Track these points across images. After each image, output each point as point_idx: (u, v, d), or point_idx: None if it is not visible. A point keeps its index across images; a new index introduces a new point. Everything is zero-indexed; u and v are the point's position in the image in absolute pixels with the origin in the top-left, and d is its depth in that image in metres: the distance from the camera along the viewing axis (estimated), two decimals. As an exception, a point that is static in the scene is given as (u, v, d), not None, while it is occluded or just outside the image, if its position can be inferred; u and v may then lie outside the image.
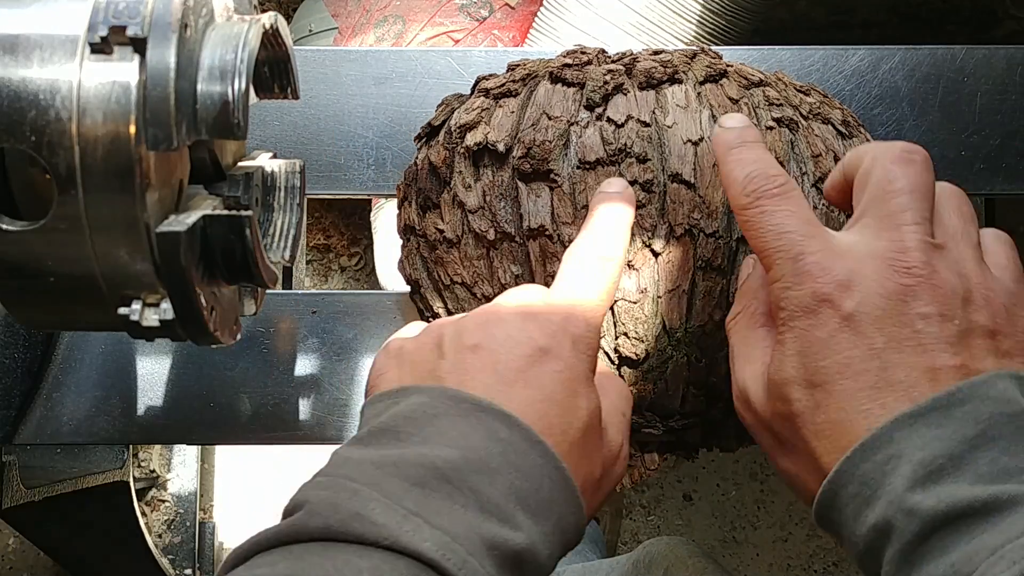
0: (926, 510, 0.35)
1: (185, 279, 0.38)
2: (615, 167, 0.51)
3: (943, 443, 0.36)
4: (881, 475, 0.37)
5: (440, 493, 0.37)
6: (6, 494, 0.82)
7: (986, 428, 0.36)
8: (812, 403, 0.41)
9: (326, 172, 0.64)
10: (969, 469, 0.36)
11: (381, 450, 0.39)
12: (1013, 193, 0.64)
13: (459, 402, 0.40)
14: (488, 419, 0.40)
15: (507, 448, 0.39)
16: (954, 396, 0.37)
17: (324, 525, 0.35)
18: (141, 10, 0.36)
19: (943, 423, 0.37)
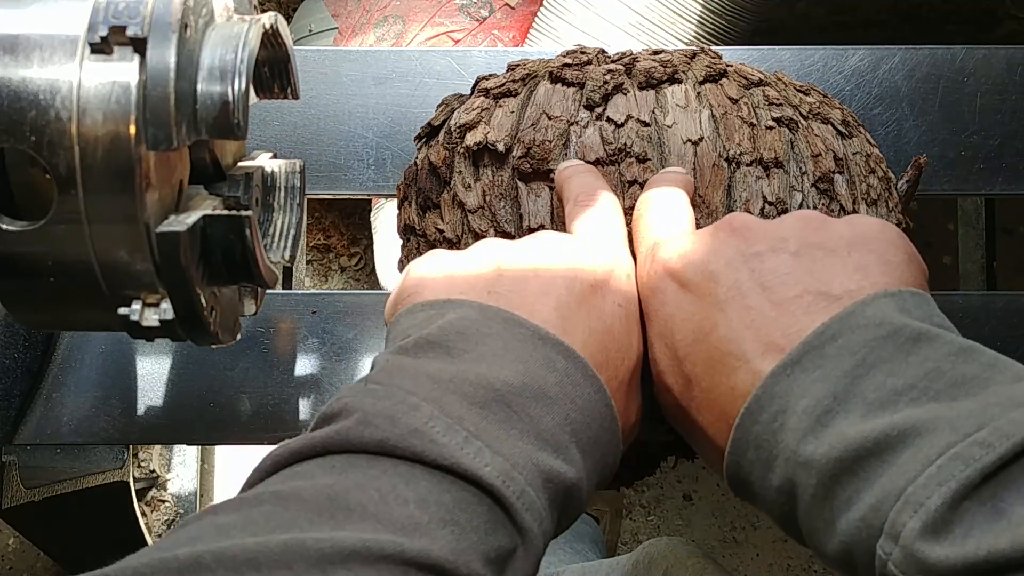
0: (820, 459, 0.34)
1: (185, 279, 0.38)
2: (615, 167, 0.51)
3: (824, 384, 0.35)
4: (771, 434, 0.36)
5: (499, 416, 0.35)
6: (6, 494, 0.82)
7: (864, 356, 0.35)
8: (684, 380, 0.40)
9: (326, 172, 0.64)
10: (856, 402, 0.34)
11: (435, 363, 0.37)
12: (1013, 193, 0.64)
13: (514, 325, 0.38)
14: (545, 347, 0.38)
15: (564, 379, 0.38)
16: (823, 334, 0.36)
17: (381, 438, 0.33)
18: (141, 10, 0.36)
19: (820, 363, 0.36)
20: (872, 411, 0.34)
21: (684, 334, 0.40)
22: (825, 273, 0.38)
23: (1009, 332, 0.61)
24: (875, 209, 0.53)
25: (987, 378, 0.33)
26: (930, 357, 0.34)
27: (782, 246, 0.40)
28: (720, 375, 0.39)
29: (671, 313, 0.41)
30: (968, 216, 1.18)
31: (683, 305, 0.41)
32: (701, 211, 0.50)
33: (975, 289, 1.15)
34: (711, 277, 0.40)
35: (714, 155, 0.50)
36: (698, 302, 0.40)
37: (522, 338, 0.38)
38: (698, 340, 0.40)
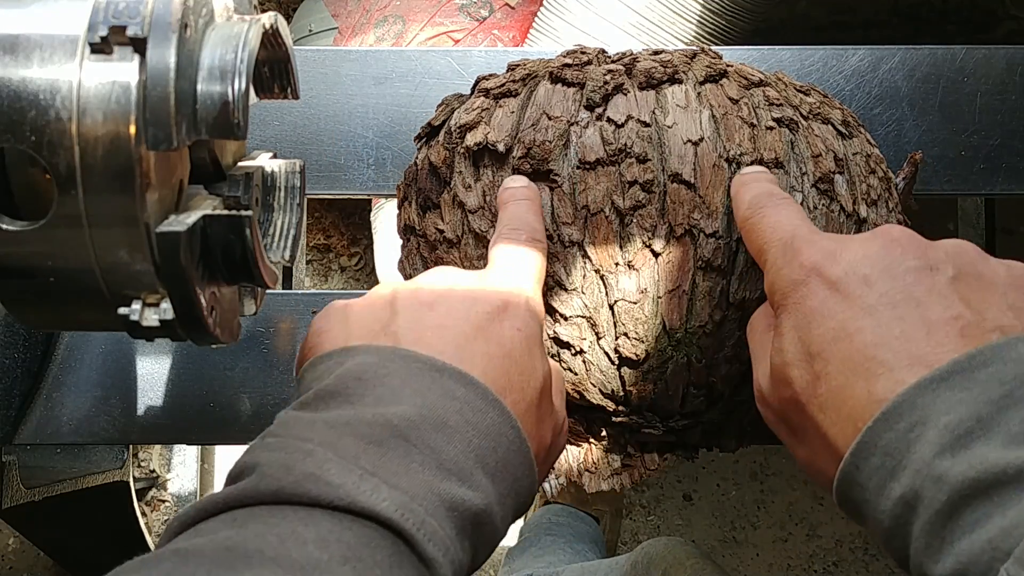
0: (956, 476, 0.33)
1: (185, 279, 0.38)
2: (615, 167, 0.51)
3: (969, 406, 0.35)
4: (905, 444, 0.36)
5: (397, 452, 0.35)
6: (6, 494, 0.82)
7: (1012, 389, 0.35)
8: (812, 376, 0.40)
9: (326, 172, 0.64)
10: (999, 431, 0.34)
11: (332, 411, 0.37)
12: (1013, 193, 0.64)
13: (411, 361, 0.39)
14: (443, 378, 0.38)
15: (464, 406, 0.38)
16: (975, 359, 0.36)
17: (276, 488, 0.33)
18: (141, 10, 0.36)
19: (967, 386, 0.35)
20: (1014, 442, 0.34)
21: (824, 330, 0.40)
22: (981, 304, 0.38)
23: (1009, 332, 0.61)
24: (875, 209, 0.53)
25: None
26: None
27: (941, 267, 0.40)
28: (858, 377, 0.38)
29: (813, 308, 0.40)
30: (968, 216, 1.18)
31: (828, 303, 0.40)
32: (702, 212, 0.50)
33: (975, 289, 1.15)
34: (864, 280, 0.40)
35: (714, 155, 0.50)
36: (844, 302, 0.40)
37: (419, 372, 0.38)
38: (838, 339, 0.39)
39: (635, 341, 0.50)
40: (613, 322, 0.51)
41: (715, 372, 0.51)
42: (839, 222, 0.52)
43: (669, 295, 0.50)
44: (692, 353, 0.51)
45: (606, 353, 0.51)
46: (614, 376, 0.52)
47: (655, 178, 0.50)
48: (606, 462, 0.55)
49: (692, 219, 0.50)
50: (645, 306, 0.50)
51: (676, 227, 0.50)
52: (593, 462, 0.55)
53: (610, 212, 0.50)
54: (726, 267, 0.50)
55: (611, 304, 0.50)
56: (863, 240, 0.42)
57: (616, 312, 0.50)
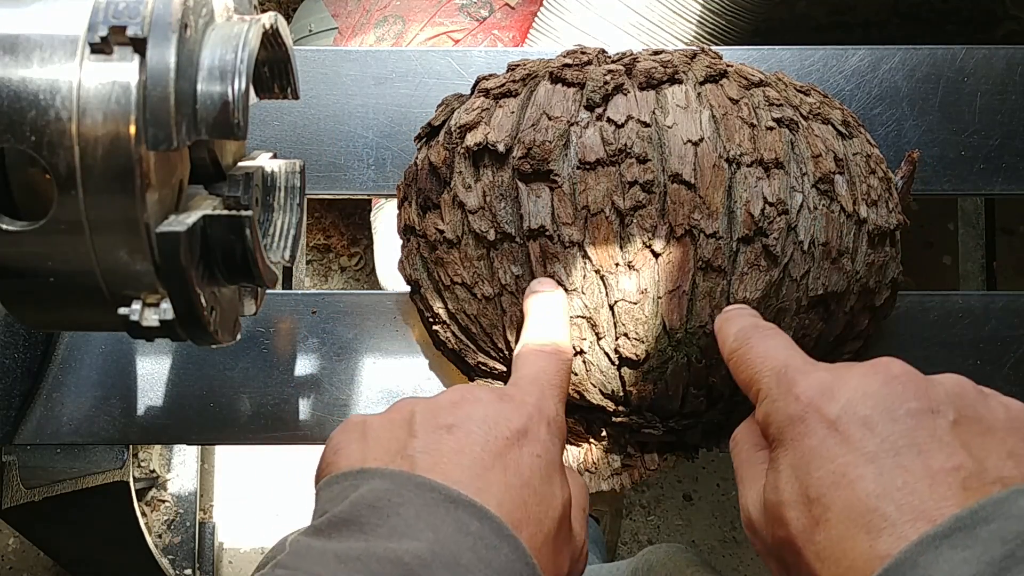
0: None
1: (185, 279, 0.38)
2: (615, 167, 0.51)
3: (970, 566, 0.33)
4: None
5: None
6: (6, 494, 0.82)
7: (1014, 548, 0.34)
8: (810, 521, 0.38)
9: (326, 172, 0.64)
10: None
11: (344, 542, 0.36)
12: (1013, 193, 0.64)
13: (426, 491, 0.38)
14: (457, 510, 0.37)
15: (477, 543, 0.36)
16: (977, 515, 0.35)
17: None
18: (141, 10, 0.36)
19: (969, 544, 0.34)
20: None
21: (823, 474, 0.38)
22: (981, 452, 0.37)
23: (1009, 332, 0.61)
24: (875, 209, 0.53)
25: None
26: None
27: (942, 410, 0.38)
28: (859, 529, 0.37)
29: (813, 448, 0.39)
30: (968, 216, 1.18)
31: (827, 443, 0.39)
32: (702, 212, 0.50)
33: (975, 289, 1.15)
34: (864, 423, 0.38)
35: (714, 156, 0.50)
36: (844, 445, 0.38)
37: (433, 503, 0.37)
38: (839, 486, 0.38)
39: (635, 341, 0.50)
40: (613, 322, 0.51)
41: (715, 372, 0.51)
42: (839, 222, 0.52)
43: (669, 295, 0.50)
44: (692, 353, 0.51)
45: (606, 353, 0.51)
46: (614, 376, 0.52)
47: (655, 178, 0.50)
48: (606, 462, 0.55)
49: (692, 219, 0.50)
50: (645, 306, 0.50)
51: (676, 227, 0.50)
52: (593, 462, 0.55)
53: (610, 212, 0.50)
54: (726, 267, 0.50)
55: (611, 304, 0.50)
56: (862, 375, 0.40)
57: (616, 312, 0.50)
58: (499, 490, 0.39)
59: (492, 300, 0.53)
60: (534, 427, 0.42)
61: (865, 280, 0.53)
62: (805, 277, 0.51)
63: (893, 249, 0.55)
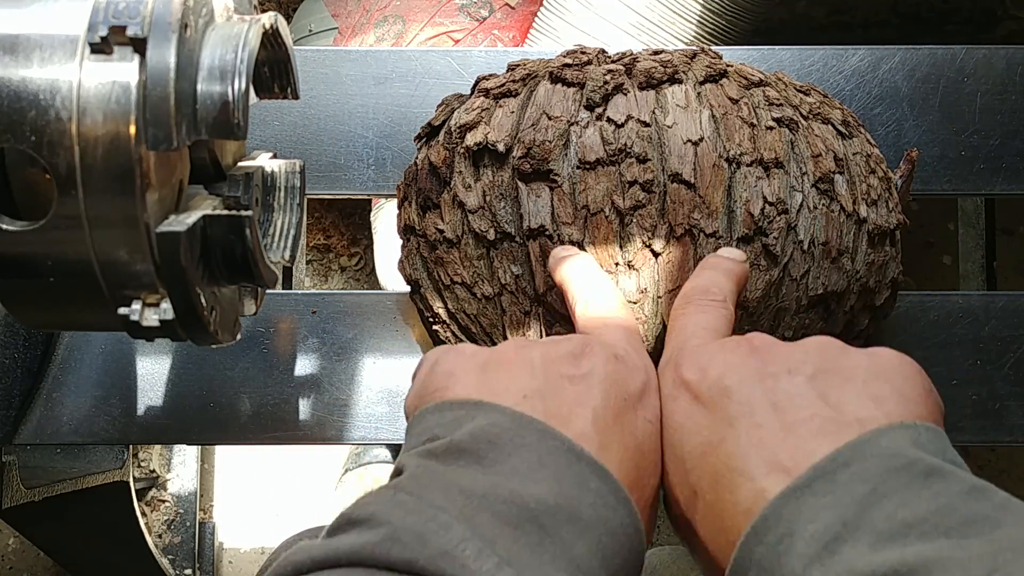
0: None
1: (185, 279, 0.38)
2: (615, 167, 0.51)
3: (833, 510, 0.34)
4: (776, 557, 0.35)
5: (532, 539, 0.34)
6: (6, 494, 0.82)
7: (876, 485, 0.34)
8: (691, 493, 0.39)
9: (326, 172, 0.64)
10: (865, 531, 0.33)
11: (466, 474, 0.35)
12: (1013, 193, 0.64)
13: (548, 438, 0.37)
14: (579, 464, 0.37)
15: (597, 500, 0.36)
16: (836, 460, 0.35)
17: (410, 558, 0.32)
18: (141, 10, 0.36)
19: (830, 490, 0.35)
20: (881, 542, 0.33)
21: (692, 446, 0.39)
22: (839, 399, 0.38)
23: (1009, 332, 0.61)
24: (875, 209, 0.53)
25: (998, 519, 0.33)
26: (942, 493, 0.34)
27: (799, 368, 0.39)
28: (724, 491, 0.38)
29: (681, 423, 0.40)
30: (968, 216, 1.18)
31: (694, 417, 0.40)
32: (702, 212, 0.50)
33: (975, 289, 1.15)
34: (724, 392, 0.39)
35: (714, 155, 0.50)
36: (709, 415, 0.39)
37: (555, 451, 0.37)
38: (706, 453, 0.39)
39: (635, 341, 0.50)
40: (613, 322, 0.51)
41: (715, 372, 0.51)
42: (839, 222, 0.52)
43: (669, 295, 0.50)
44: (692, 353, 0.51)
45: (606, 353, 0.51)
46: (614, 376, 0.52)
47: (655, 178, 0.50)
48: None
49: (692, 219, 0.50)
50: (645, 306, 0.50)
51: (676, 227, 0.50)
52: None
53: (610, 212, 0.50)
54: (726, 267, 0.50)
55: None
56: (728, 350, 0.41)
57: (616, 312, 0.50)
58: (617, 450, 0.39)
59: (492, 300, 0.53)
60: (649, 392, 0.42)
61: (865, 280, 0.53)
62: (805, 277, 0.51)
63: (893, 249, 0.55)
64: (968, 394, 0.60)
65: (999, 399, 0.60)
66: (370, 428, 0.61)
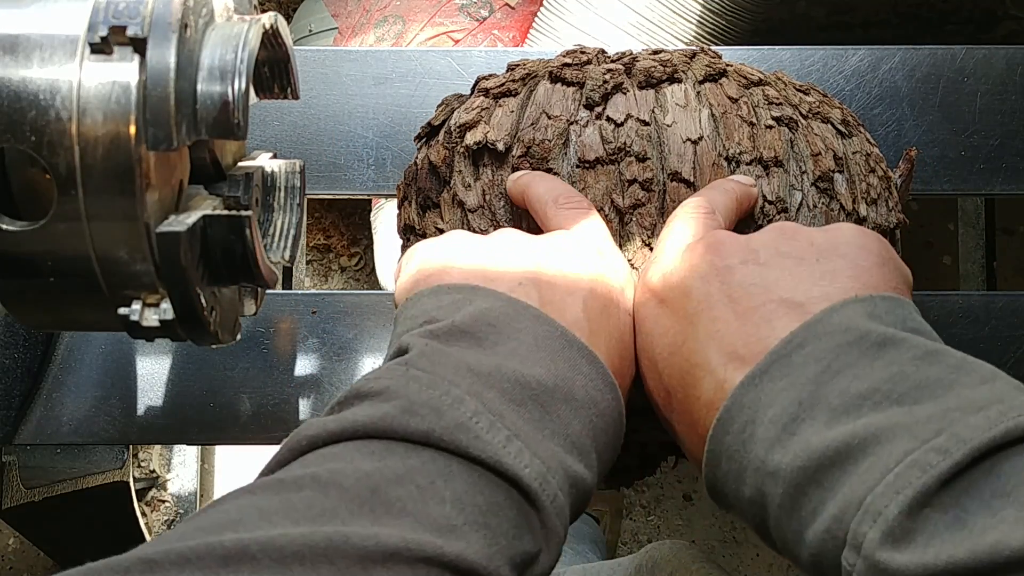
0: (787, 469, 0.34)
1: (185, 279, 0.38)
2: (614, 166, 0.51)
3: (790, 392, 0.35)
4: (741, 445, 0.36)
5: (534, 416, 0.36)
6: (6, 494, 0.82)
7: (830, 362, 0.35)
8: (664, 393, 0.41)
9: (326, 172, 0.64)
10: (821, 408, 0.34)
11: (470, 353, 0.37)
12: (1013, 193, 0.64)
13: (543, 323, 0.39)
14: (571, 350, 0.38)
15: (588, 383, 0.38)
16: (791, 343, 0.36)
17: (427, 429, 0.33)
18: (141, 10, 0.36)
19: (787, 372, 0.35)
20: (836, 417, 0.33)
21: (661, 348, 0.41)
22: (791, 281, 0.39)
23: (1009, 332, 0.61)
24: (875, 208, 0.53)
25: (952, 381, 0.33)
26: (895, 361, 0.34)
27: (751, 257, 0.40)
28: (690, 387, 0.39)
29: (651, 328, 0.42)
30: (968, 216, 1.18)
31: (661, 320, 0.41)
32: (701, 211, 0.50)
33: (975, 289, 1.15)
34: (685, 292, 0.41)
35: (714, 154, 0.50)
36: (672, 316, 0.41)
37: (550, 336, 0.38)
38: (672, 353, 0.40)
39: (635, 341, 0.50)
40: (613, 322, 0.51)
41: (715, 372, 0.51)
42: (839, 221, 0.52)
43: None
44: (692, 353, 0.51)
45: (606, 353, 0.51)
46: (614, 376, 0.52)
47: (654, 177, 0.50)
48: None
49: (692, 219, 0.50)
50: (645, 306, 0.50)
51: (676, 227, 0.50)
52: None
53: (610, 211, 0.50)
54: (726, 267, 0.50)
55: None
56: (691, 251, 0.42)
57: (616, 312, 0.50)
58: (604, 339, 0.41)
59: (492, 300, 0.53)
60: (628, 287, 0.44)
61: (865, 280, 0.53)
62: (805, 277, 0.51)
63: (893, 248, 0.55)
64: (968, 394, 0.60)
65: (999, 399, 0.60)
66: (370, 428, 0.61)
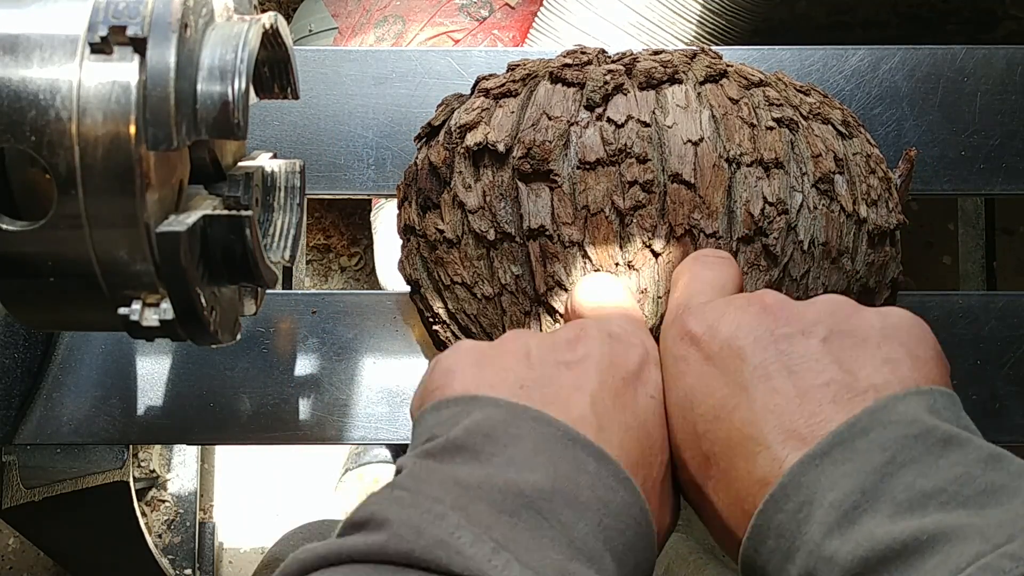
0: (845, 556, 0.33)
1: (185, 279, 0.38)
2: (615, 167, 0.51)
3: (853, 479, 0.34)
4: (796, 525, 0.35)
5: (528, 524, 0.34)
6: (6, 494, 0.82)
7: (895, 454, 0.34)
8: (703, 458, 0.39)
9: (326, 172, 0.64)
10: (885, 500, 0.33)
11: (462, 467, 0.35)
12: (1013, 193, 0.64)
13: (543, 425, 0.37)
14: (575, 448, 0.36)
15: (596, 482, 0.36)
16: (854, 427, 0.35)
17: (407, 550, 0.32)
18: (141, 10, 0.36)
19: (849, 457, 0.34)
20: (901, 512, 0.33)
21: (705, 409, 0.39)
22: (853, 363, 0.38)
23: (1009, 332, 0.61)
24: (875, 209, 0.53)
25: (1016, 488, 0.33)
26: (960, 462, 0.34)
27: (812, 330, 0.39)
28: (739, 458, 0.37)
29: (692, 385, 0.39)
30: (968, 216, 1.18)
31: (705, 378, 0.39)
32: (702, 212, 0.50)
33: (975, 289, 1.15)
34: (738, 354, 0.39)
35: (714, 155, 0.50)
36: (721, 377, 0.39)
37: (552, 438, 0.36)
38: (719, 418, 0.38)
39: (635, 341, 0.50)
40: (613, 322, 0.51)
41: (715, 372, 0.51)
42: (839, 222, 0.52)
43: (669, 295, 0.50)
44: (692, 353, 0.51)
45: (606, 353, 0.51)
46: (614, 376, 0.52)
47: (655, 178, 0.50)
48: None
49: (692, 219, 0.50)
50: (645, 306, 0.50)
51: (676, 227, 0.50)
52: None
53: (610, 212, 0.50)
54: (726, 267, 0.50)
55: None
56: (738, 308, 0.40)
57: (616, 312, 0.50)
58: (618, 431, 0.38)
59: (492, 300, 0.53)
60: (648, 367, 0.41)
61: (865, 280, 0.53)
62: (805, 277, 0.51)
63: (893, 249, 0.55)
64: (968, 394, 0.60)
65: (999, 399, 0.60)
66: (370, 428, 0.61)
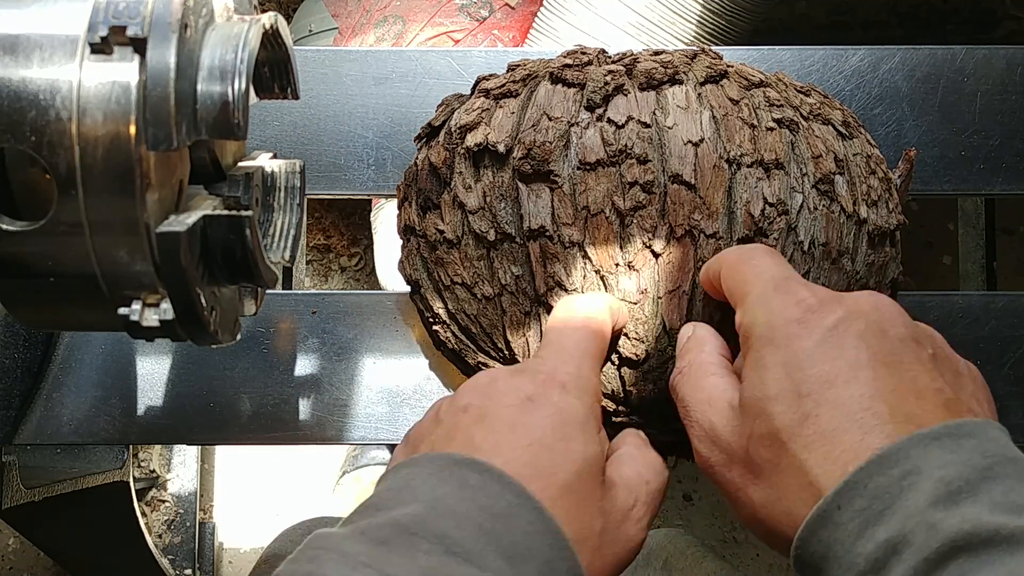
0: (951, 527, 0.35)
1: (185, 279, 0.38)
2: (615, 168, 0.51)
3: (959, 468, 0.36)
4: (898, 489, 0.37)
5: (402, 546, 0.37)
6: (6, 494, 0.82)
7: (993, 463, 0.37)
8: (800, 415, 0.40)
9: (326, 172, 0.64)
10: (985, 496, 0.36)
11: (355, 522, 0.39)
12: (1013, 193, 0.64)
13: (434, 461, 0.41)
14: (460, 469, 0.40)
15: (477, 493, 0.39)
16: (962, 428, 0.38)
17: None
18: (141, 10, 0.36)
19: (955, 449, 0.37)
20: (1001, 510, 0.35)
21: (817, 372, 0.41)
22: (956, 384, 0.42)
23: (1009, 332, 0.61)
24: (876, 210, 0.53)
25: None
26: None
27: (924, 342, 0.42)
28: (852, 424, 0.39)
29: (808, 349, 0.41)
30: (968, 216, 1.18)
31: (823, 347, 0.41)
32: (702, 212, 0.50)
33: (975, 289, 1.15)
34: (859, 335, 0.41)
35: (715, 156, 0.50)
36: (838, 350, 0.41)
37: (439, 469, 0.40)
38: (832, 384, 0.40)
39: (635, 341, 0.50)
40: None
41: (715, 372, 0.51)
42: (839, 223, 0.52)
43: (669, 295, 0.50)
44: (692, 353, 0.51)
45: (606, 353, 0.51)
46: (614, 376, 0.52)
47: (655, 179, 0.50)
48: (606, 462, 0.55)
49: (692, 220, 0.50)
50: (645, 306, 0.50)
51: (676, 228, 0.50)
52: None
53: (610, 213, 0.50)
54: (726, 267, 0.50)
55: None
56: (857, 297, 0.43)
57: (616, 312, 0.50)
58: (507, 450, 0.41)
59: (492, 300, 0.53)
60: (544, 392, 0.44)
61: (865, 280, 0.53)
62: (805, 277, 0.51)
63: (893, 249, 0.55)
64: (968, 394, 0.60)
65: (999, 399, 0.60)
66: (370, 428, 0.61)
